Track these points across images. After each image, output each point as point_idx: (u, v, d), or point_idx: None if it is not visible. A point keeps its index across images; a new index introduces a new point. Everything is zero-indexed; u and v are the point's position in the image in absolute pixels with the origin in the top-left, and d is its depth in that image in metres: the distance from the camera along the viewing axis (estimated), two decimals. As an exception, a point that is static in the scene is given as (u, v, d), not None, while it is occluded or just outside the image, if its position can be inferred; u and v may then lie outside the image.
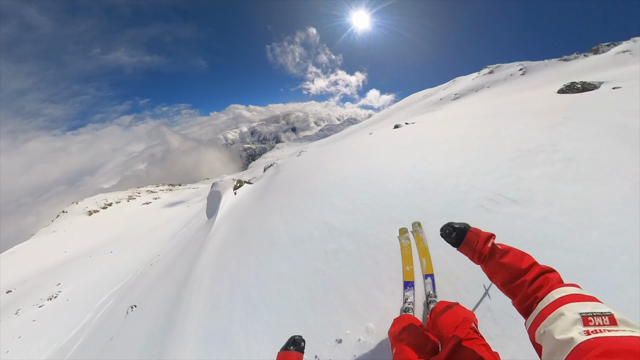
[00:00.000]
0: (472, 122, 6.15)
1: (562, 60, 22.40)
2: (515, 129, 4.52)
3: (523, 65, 23.32)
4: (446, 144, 4.75)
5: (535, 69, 21.59)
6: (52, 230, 46.62)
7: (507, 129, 4.61)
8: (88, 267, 23.42)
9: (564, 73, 16.14)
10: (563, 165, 2.96)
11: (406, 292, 2.16)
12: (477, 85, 23.36)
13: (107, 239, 34.44)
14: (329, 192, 4.27)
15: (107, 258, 25.57)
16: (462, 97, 22.36)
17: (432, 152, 4.54)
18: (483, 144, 4.18)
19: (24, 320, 14.30)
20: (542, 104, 7.02)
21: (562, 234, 2.14)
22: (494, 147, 3.95)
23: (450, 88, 28.90)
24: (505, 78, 21.51)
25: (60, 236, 43.92)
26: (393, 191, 3.53)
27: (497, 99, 13.63)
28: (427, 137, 5.75)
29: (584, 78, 8.78)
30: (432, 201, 3.07)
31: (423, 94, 35.17)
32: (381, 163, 4.79)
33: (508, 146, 3.79)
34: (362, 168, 4.80)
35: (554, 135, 3.79)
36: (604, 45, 21.65)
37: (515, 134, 4.23)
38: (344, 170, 5.00)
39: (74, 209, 47.11)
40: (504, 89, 17.99)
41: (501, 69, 25.38)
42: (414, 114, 25.52)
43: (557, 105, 6.07)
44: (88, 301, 13.91)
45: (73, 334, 10.60)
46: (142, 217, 39.12)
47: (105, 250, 29.87)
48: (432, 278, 2.20)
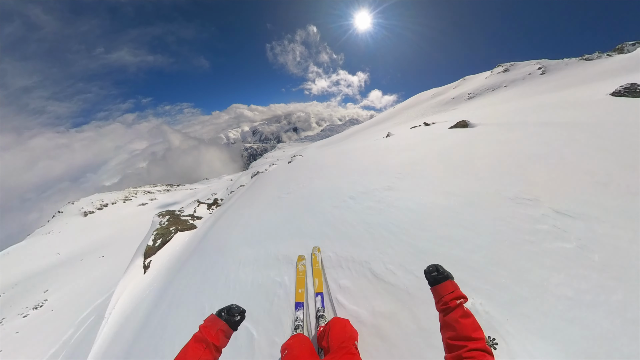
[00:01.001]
0: (513, 131, 4.78)
1: (583, 59, 21.05)
2: (597, 148, 3.23)
3: (541, 63, 21.99)
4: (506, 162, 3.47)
5: (555, 68, 20.27)
6: (47, 231, 45.94)
7: (582, 150, 3.32)
8: (78, 273, 22.65)
9: (593, 73, 14.91)
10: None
11: (297, 312, 2.41)
12: (492, 84, 22.04)
13: (100, 241, 33.66)
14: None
15: (97, 262, 24.69)
16: (478, 96, 21.05)
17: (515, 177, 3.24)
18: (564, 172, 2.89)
19: (7, 332, 14.04)
20: (603, 109, 5.61)
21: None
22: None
23: (461, 87, 27.59)
24: (524, 77, 20.19)
25: (54, 237, 43.21)
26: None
27: (522, 99, 12.35)
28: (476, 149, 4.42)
29: (623, 79, 7.40)
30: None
31: (431, 92, 33.88)
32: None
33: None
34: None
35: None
36: (629, 44, 20.34)
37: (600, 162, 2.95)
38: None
39: (69, 209, 46.49)
40: (525, 89, 16.69)
41: (516, 68, 24.06)
42: (424, 113, 24.21)
43: (635, 114, 4.66)
44: (72, 313, 13.35)
45: (52, 352, 9.94)
46: (137, 218, 38.46)
47: (97, 254, 28.98)
48: (321, 296, 2.49)
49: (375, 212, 3.37)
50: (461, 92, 23.99)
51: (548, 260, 1.98)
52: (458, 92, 24.72)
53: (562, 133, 4.09)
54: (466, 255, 2.24)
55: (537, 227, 2.28)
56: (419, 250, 2.47)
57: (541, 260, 1.99)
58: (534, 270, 1.94)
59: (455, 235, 2.48)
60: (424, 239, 2.56)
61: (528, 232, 2.26)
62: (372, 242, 2.82)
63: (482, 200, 2.83)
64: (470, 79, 30.24)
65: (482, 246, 2.28)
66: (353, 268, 2.61)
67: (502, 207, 2.61)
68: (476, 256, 2.20)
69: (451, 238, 2.47)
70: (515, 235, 2.26)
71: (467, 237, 2.41)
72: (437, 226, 2.66)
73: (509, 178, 3.10)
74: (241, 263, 3.73)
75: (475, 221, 2.56)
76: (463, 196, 3.02)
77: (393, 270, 2.34)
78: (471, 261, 2.17)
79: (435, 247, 2.45)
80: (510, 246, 2.18)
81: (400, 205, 3.30)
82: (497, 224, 2.45)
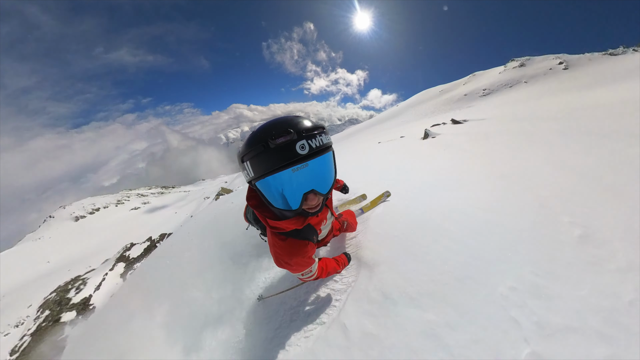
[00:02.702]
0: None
1: (607, 54, 19.52)
2: None
3: (561, 58, 20.46)
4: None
5: (578, 63, 18.72)
6: (38, 237, 44.63)
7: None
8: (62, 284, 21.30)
9: (623, 70, 13.61)
10: None
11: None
12: (509, 79, 20.47)
13: (89, 249, 32.28)
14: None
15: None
16: (495, 92, 19.49)
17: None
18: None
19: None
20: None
21: None
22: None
23: (472, 83, 25.99)
24: (545, 72, 18.63)
25: (44, 244, 41.84)
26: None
27: (551, 97, 10.86)
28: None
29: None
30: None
31: (439, 89, 32.30)
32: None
33: None
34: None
35: None
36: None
37: None
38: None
39: (60, 213, 45.30)
40: (551, 85, 15.19)
41: (533, 62, 22.49)
42: (434, 111, 22.64)
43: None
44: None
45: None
46: (127, 224, 36.99)
47: (84, 264, 27.58)
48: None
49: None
50: (474, 88, 22.42)
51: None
52: (470, 89, 23.16)
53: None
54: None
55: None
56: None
57: None
58: None
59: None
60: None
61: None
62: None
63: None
64: (480, 75, 28.64)
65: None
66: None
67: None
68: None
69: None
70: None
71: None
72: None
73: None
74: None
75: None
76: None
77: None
78: None
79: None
80: None
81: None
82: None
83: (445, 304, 1.22)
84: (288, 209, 0.90)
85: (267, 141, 0.78)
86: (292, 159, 0.79)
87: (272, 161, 0.79)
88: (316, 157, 0.83)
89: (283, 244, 1.04)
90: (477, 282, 1.27)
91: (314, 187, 0.88)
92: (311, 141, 0.81)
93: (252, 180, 0.89)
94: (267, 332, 1.62)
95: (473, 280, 1.28)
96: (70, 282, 9.59)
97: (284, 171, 0.80)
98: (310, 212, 0.95)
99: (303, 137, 0.80)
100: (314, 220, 1.14)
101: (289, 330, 1.54)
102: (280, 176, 0.82)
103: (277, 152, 0.78)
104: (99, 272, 10.96)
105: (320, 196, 0.92)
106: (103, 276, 10.24)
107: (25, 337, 9.64)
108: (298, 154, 0.79)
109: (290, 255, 1.06)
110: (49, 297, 7.62)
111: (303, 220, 1.01)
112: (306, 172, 0.83)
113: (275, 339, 1.53)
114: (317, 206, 0.94)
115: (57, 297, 8.46)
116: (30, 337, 8.49)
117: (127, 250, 9.39)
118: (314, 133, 0.82)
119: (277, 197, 0.88)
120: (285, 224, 0.99)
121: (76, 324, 9.79)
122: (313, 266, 1.18)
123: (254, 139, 0.83)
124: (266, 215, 1.00)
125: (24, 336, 10.51)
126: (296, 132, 0.79)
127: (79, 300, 9.48)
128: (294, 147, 0.78)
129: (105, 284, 9.69)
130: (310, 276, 1.23)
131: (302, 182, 0.85)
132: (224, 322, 1.89)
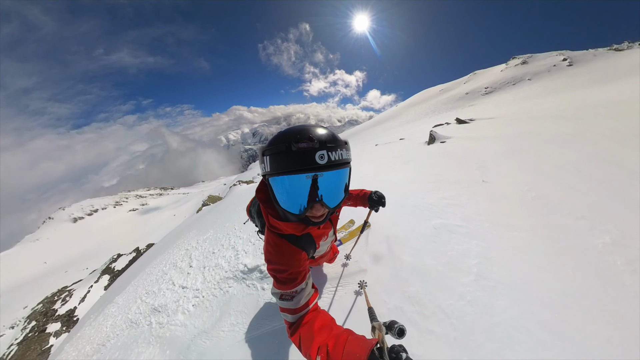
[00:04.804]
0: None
1: (612, 49, 19.11)
2: None
3: (564, 54, 20.06)
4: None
5: (583, 59, 18.33)
6: (36, 238, 44.78)
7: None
8: (59, 287, 21.40)
9: (629, 65, 13.38)
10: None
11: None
12: (512, 77, 20.06)
13: (86, 250, 32.13)
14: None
15: (79, 276, 23.29)
16: (497, 90, 19.09)
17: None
18: None
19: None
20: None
21: None
22: None
23: (473, 81, 25.59)
24: (549, 69, 18.22)
25: (42, 245, 41.88)
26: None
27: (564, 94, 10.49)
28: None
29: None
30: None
31: (439, 88, 31.93)
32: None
33: None
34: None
35: None
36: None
37: None
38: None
39: (59, 215, 45.33)
40: (557, 83, 14.81)
41: (535, 59, 22.08)
42: (435, 110, 22.26)
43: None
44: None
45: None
46: (125, 226, 36.80)
47: (81, 266, 27.42)
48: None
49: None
50: (475, 87, 22.02)
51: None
52: (471, 87, 22.76)
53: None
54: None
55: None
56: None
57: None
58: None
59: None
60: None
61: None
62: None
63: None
64: (481, 73, 28.25)
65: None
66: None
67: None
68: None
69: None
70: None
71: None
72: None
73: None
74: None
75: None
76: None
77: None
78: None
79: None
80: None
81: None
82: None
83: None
84: (292, 212, 0.91)
85: (290, 143, 0.81)
86: (309, 165, 0.81)
87: (290, 163, 0.81)
88: (332, 170, 0.85)
89: (278, 241, 1.04)
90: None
91: (323, 198, 0.89)
92: (331, 153, 0.83)
93: (266, 175, 0.91)
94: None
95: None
96: (57, 293, 9.53)
97: (298, 175, 0.82)
98: (313, 220, 0.95)
99: (325, 148, 0.82)
100: (315, 232, 1.14)
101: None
102: (293, 178, 0.84)
103: (296, 155, 0.81)
104: (84, 283, 11.02)
105: (326, 208, 0.92)
106: (88, 288, 10.31)
107: (13, 346, 9.48)
108: (316, 162, 0.81)
109: (280, 255, 1.03)
110: (36, 308, 7.56)
111: (303, 227, 1.00)
112: (319, 182, 0.85)
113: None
114: (321, 217, 0.94)
115: (44, 309, 8.40)
116: (17, 346, 8.37)
117: (114, 261, 9.41)
118: (336, 146, 0.85)
119: (285, 197, 0.90)
120: (284, 226, 0.99)
121: (60, 335, 9.73)
122: (299, 288, 1.00)
123: (279, 138, 0.86)
124: (269, 213, 1.01)
125: (11, 345, 10.24)
126: (319, 142, 0.81)
127: (64, 312, 9.45)
128: (314, 155, 0.81)
129: (90, 296, 9.67)
130: (290, 306, 0.96)
131: (313, 190, 0.87)
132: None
